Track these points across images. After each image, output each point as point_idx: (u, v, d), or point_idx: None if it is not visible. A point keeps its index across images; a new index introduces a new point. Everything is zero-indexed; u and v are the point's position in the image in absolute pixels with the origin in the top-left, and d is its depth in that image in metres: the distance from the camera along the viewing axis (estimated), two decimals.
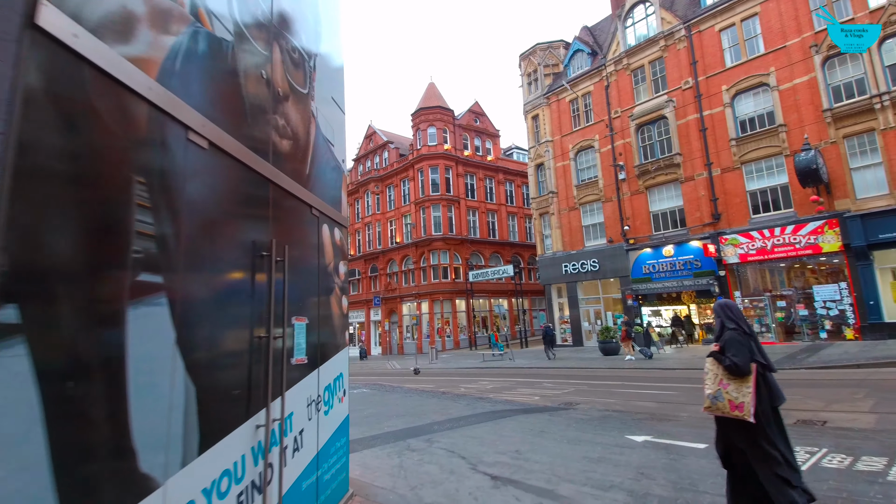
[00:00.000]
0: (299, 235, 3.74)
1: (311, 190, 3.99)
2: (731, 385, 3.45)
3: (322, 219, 4.20)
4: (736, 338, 3.53)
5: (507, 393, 12.09)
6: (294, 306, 3.45)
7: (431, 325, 33.70)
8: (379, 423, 8.17)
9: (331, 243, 4.39)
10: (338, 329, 4.47)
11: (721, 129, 21.22)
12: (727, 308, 3.76)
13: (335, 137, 4.75)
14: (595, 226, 25.77)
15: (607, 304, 25.25)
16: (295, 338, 3.46)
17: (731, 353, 3.49)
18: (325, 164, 4.41)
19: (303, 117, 3.97)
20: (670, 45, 23.17)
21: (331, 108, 4.69)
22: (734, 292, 20.60)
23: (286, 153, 3.55)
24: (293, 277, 3.43)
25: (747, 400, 3.37)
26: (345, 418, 4.53)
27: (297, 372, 3.47)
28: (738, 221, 20.56)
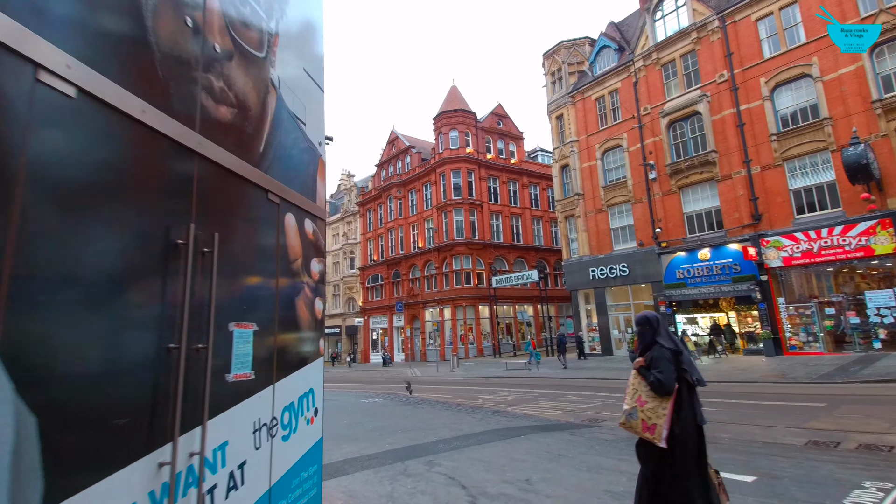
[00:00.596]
0: (244, 223, 3.09)
1: (268, 171, 3.35)
2: (648, 404, 3.29)
3: (285, 207, 3.56)
4: (665, 354, 3.36)
5: (527, 406, 11.24)
6: (233, 309, 2.80)
7: (454, 331, 32.94)
8: (381, 438, 7.49)
9: (298, 236, 3.74)
10: (307, 337, 3.80)
11: (760, 124, 19.88)
12: (657, 321, 3.60)
13: (309, 116, 4.13)
14: (624, 228, 24.58)
15: (638, 310, 23.96)
16: (234, 348, 2.81)
17: (657, 369, 3.31)
18: (291, 143, 3.78)
19: (256, 85, 3.34)
20: (703, 37, 21.96)
21: (302, 82, 4.07)
22: (777, 299, 19.19)
23: (225, 123, 2.91)
24: (232, 273, 2.79)
25: (661, 422, 3.20)
26: (316, 442, 3.85)
27: (234, 391, 2.80)
28: (780, 222, 19.15)
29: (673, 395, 3.28)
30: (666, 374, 3.28)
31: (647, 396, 3.34)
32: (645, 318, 3.68)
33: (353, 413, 10.58)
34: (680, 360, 3.43)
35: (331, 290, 47.42)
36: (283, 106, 3.66)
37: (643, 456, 3.45)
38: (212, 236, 2.56)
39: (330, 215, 49.94)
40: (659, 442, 3.21)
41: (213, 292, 2.55)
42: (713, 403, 10.29)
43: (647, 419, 3.27)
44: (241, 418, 2.82)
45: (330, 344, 47.95)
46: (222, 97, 2.87)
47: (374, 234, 42.24)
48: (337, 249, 47.20)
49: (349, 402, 13.05)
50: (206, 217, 2.59)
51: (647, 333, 3.60)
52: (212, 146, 2.67)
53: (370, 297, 41.92)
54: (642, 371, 3.48)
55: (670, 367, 3.32)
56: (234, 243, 2.83)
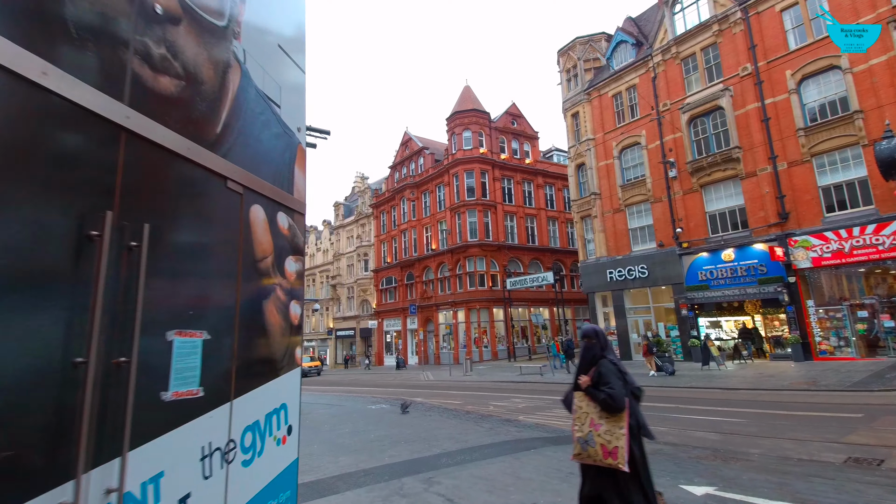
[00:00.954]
0: (192, 214, 2.66)
1: (228, 156, 2.93)
2: (603, 426, 3.06)
3: (251, 197, 3.13)
4: (612, 368, 3.19)
5: (539, 414, 10.69)
6: (174, 315, 2.38)
7: (468, 334, 32.42)
8: (382, 450, 7.05)
9: (267, 231, 3.31)
10: (278, 345, 3.37)
11: (786, 119, 19.00)
12: (603, 334, 3.41)
13: (285, 98, 3.72)
14: (643, 228, 23.79)
15: (658, 313, 23.16)
16: (174, 361, 2.38)
17: (607, 385, 3.10)
18: (260, 127, 3.36)
19: (213, 57, 2.92)
20: (725, 29, 21.14)
21: (277, 60, 3.67)
22: (806, 301, 18.27)
23: (166, 97, 2.50)
24: (173, 273, 2.38)
25: (621, 444, 2.99)
26: (290, 465, 3.42)
27: (174, 411, 2.38)
28: (809, 221, 18.24)
29: (626, 413, 3.06)
30: (617, 389, 3.07)
31: (599, 418, 3.09)
32: (593, 330, 3.44)
33: (357, 421, 10.18)
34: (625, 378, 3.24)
35: (345, 292, 47.33)
36: (250, 84, 3.25)
37: (609, 489, 3.12)
38: (141, 228, 2.14)
39: (344, 217, 49.89)
40: (623, 466, 2.96)
41: (139, 295, 2.13)
42: (740, 413, 9.63)
43: (607, 443, 3.01)
44: (184, 443, 2.40)
45: (344, 346, 47.83)
46: (164, 67, 2.46)
47: (388, 236, 42.00)
48: (351, 252, 47.11)
49: (356, 408, 12.66)
50: (135, 205, 2.17)
51: (594, 348, 3.37)
52: (146, 122, 2.25)
53: (384, 300, 41.66)
54: (589, 391, 3.23)
55: (619, 381, 3.11)
56: (176, 237, 2.42)
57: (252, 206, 3.09)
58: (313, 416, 11.42)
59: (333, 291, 48.58)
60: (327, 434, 8.69)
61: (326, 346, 49.82)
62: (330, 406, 13.23)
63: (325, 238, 51.94)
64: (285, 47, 3.76)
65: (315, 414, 11.75)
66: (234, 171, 2.92)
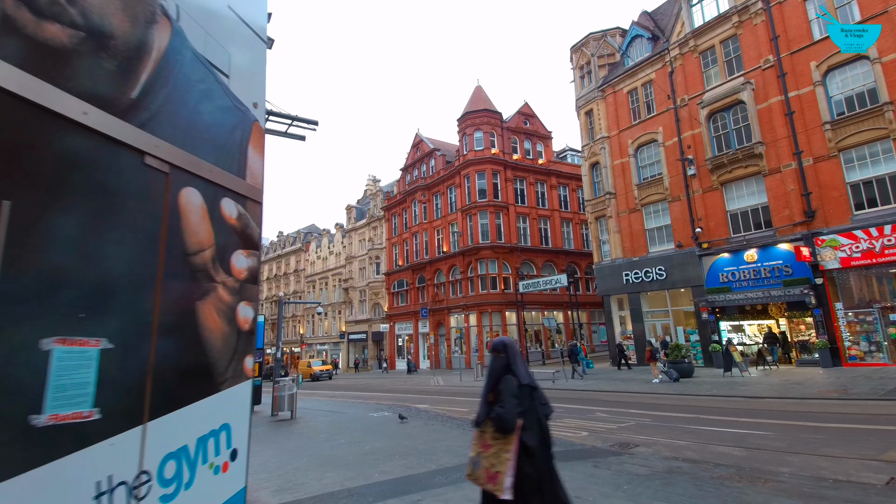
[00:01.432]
0: (89, 193, 2.17)
1: (147, 127, 2.46)
2: (492, 448, 2.90)
3: (182, 178, 2.65)
4: (511, 386, 2.98)
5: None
6: (53, 316, 1.90)
7: (480, 338, 31.79)
8: (374, 465, 6.54)
9: (206, 219, 2.82)
10: (219, 355, 2.87)
11: (811, 112, 18.09)
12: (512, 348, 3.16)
13: (237, 69, 3.24)
14: (660, 229, 22.95)
15: (677, 317, 22.27)
16: (52, 375, 1.91)
17: (500, 403, 2.93)
18: (198, 98, 2.87)
19: (129, 7, 2.43)
20: (745, 20, 20.28)
21: (227, 24, 3.19)
22: (835, 304, 17.32)
23: (51, 47, 2.01)
24: (52, 264, 1.90)
25: (503, 469, 2.82)
26: (234, 496, 2.93)
27: (50, 440, 1.89)
28: (837, 219, 17.29)
29: (516, 436, 2.85)
30: (507, 407, 2.86)
31: (491, 439, 2.89)
32: (502, 343, 3.21)
33: (354, 430, 9.68)
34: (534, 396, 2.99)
35: (357, 295, 47.08)
36: (185, 46, 2.76)
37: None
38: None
39: (356, 220, 49.72)
40: (501, 493, 2.77)
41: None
42: (766, 425, 8.90)
43: (491, 466, 2.82)
44: (65, 479, 1.91)
45: (357, 350, 47.57)
46: (52, 10, 1.99)
47: (400, 238, 41.64)
48: (363, 255, 46.88)
49: (357, 416, 12.18)
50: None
51: (500, 361, 3.13)
52: (19, 76, 1.79)
53: (396, 303, 41.27)
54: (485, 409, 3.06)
55: (514, 400, 2.89)
56: (60, 220, 1.94)
57: (183, 188, 2.60)
58: (311, 424, 10.98)
59: (346, 295, 48.38)
60: (320, 445, 8.22)
61: (339, 349, 49.61)
62: (331, 413, 12.78)
63: (338, 241, 51.83)
64: (239, 11, 3.28)
65: (314, 422, 11.31)
66: (155, 145, 2.44)
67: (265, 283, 63.68)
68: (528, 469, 2.86)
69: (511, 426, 2.86)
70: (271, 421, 11.79)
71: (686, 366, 17.55)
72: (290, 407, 11.75)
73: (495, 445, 2.88)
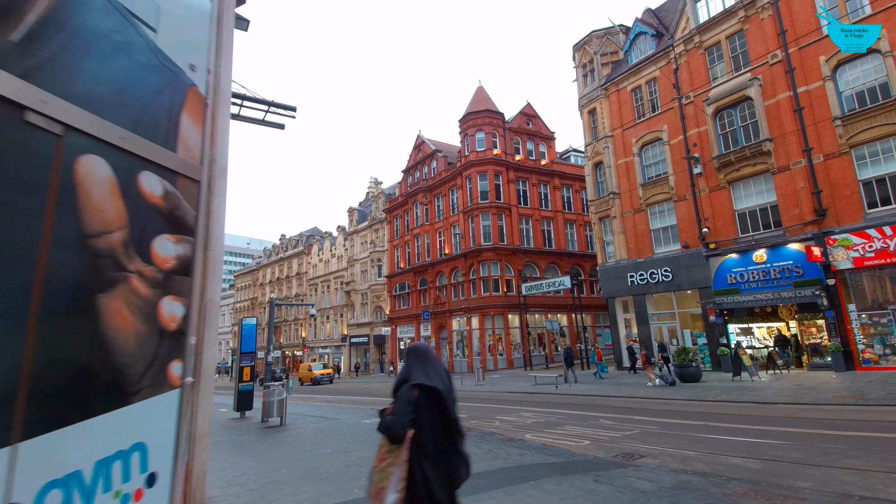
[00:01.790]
0: None
1: (34, 79, 2.00)
2: (385, 461, 2.63)
3: (80, 143, 2.18)
4: (406, 394, 2.68)
5: (548, 432, 9.55)
6: None
7: (482, 341, 31.24)
8: (355, 478, 6.04)
9: (115, 195, 2.35)
10: (131, 360, 2.40)
11: (821, 107, 17.53)
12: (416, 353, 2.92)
13: (168, 24, 2.79)
14: (666, 229, 22.39)
15: (684, 320, 21.66)
16: None
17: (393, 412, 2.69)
18: (109, 50, 2.40)
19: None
20: (751, 14, 19.76)
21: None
22: (847, 305, 16.70)
23: None
24: None
25: (387, 485, 2.54)
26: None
27: None
28: (849, 218, 16.70)
29: (405, 448, 2.60)
30: (396, 416, 2.62)
31: (386, 451, 2.67)
32: (412, 349, 2.98)
33: (342, 439, 9.18)
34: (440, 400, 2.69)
35: (359, 298, 46.65)
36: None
37: None
38: None
39: (358, 223, 49.34)
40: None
41: None
42: (781, 433, 8.34)
43: (378, 481, 2.61)
44: None
45: (358, 353, 47.10)
46: None
47: (401, 241, 41.21)
48: (365, 257, 46.48)
49: (349, 422, 11.67)
50: None
51: (404, 368, 2.90)
52: None
53: (397, 306, 40.81)
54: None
55: (406, 408, 2.65)
56: None
57: (83, 156, 2.13)
58: (300, 431, 10.50)
59: (347, 298, 47.97)
60: (304, 455, 7.73)
61: (341, 353, 49.16)
62: (323, 419, 12.28)
63: (339, 244, 51.47)
64: None
65: (303, 429, 10.82)
66: (42, 100, 1.97)
67: (267, 287, 63.39)
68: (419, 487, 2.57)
69: (396, 436, 2.60)
70: (259, 428, 11.33)
71: (693, 370, 16.96)
72: (279, 413, 11.29)
73: (387, 458, 2.63)
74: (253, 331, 13.76)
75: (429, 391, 2.70)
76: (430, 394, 2.70)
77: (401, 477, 2.56)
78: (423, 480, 2.58)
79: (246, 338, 13.46)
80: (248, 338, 13.44)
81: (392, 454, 2.63)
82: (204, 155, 4.30)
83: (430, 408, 2.69)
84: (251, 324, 13.78)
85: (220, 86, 5.02)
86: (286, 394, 11.41)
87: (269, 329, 16.63)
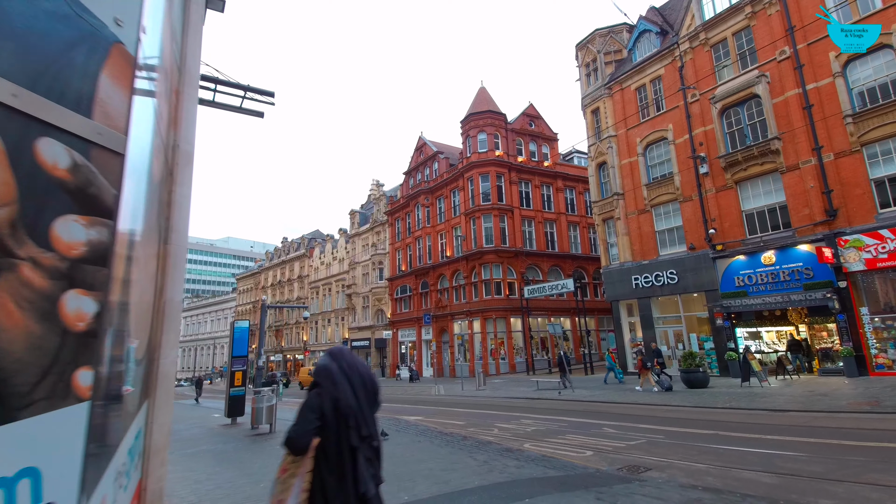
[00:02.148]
0: None
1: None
2: (288, 472, 2.43)
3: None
4: (311, 401, 2.45)
5: (549, 441, 9.06)
6: None
7: (484, 345, 30.72)
8: None
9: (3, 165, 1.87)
10: (18, 365, 1.93)
11: (831, 104, 17.03)
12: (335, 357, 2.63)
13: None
14: (671, 230, 21.87)
15: (690, 323, 21.11)
16: None
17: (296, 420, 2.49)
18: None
19: None
20: (759, 10, 19.30)
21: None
22: (860, 308, 16.14)
23: None
24: None
25: (286, 497, 2.37)
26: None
27: None
28: (860, 218, 16.17)
29: (309, 458, 2.47)
30: (299, 425, 2.45)
31: (290, 462, 2.51)
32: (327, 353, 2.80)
33: None
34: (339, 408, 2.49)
35: (360, 301, 46.24)
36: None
37: None
38: None
39: (359, 225, 48.97)
40: None
41: None
42: (796, 444, 7.82)
43: (279, 493, 2.44)
44: None
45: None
46: None
47: (403, 243, 40.80)
48: (366, 260, 46.09)
49: None
50: None
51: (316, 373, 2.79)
52: None
53: (399, 309, 40.36)
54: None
55: (310, 416, 2.47)
56: None
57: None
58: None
59: (349, 301, 47.56)
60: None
61: None
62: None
63: (341, 247, 51.11)
64: None
65: None
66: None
67: (269, 290, 63.09)
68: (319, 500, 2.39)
69: (297, 446, 2.40)
70: (248, 435, 10.88)
71: (701, 375, 16.43)
72: (269, 420, 10.84)
73: (290, 468, 2.44)
74: (245, 334, 13.35)
75: (335, 399, 2.48)
76: (336, 402, 2.48)
77: (302, 489, 2.38)
78: (322, 493, 2.39)
79: (238, 341, 13.05)
80: (239, 341, 13.03)
81: (295, 464, 2.44)
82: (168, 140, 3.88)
83: (337, 416, 2.48)
84: (243, 326, 13.37)
85: (187, 66, 4.53)
86: (276, 399, 10.97)
87: (259, 332, 16.17)
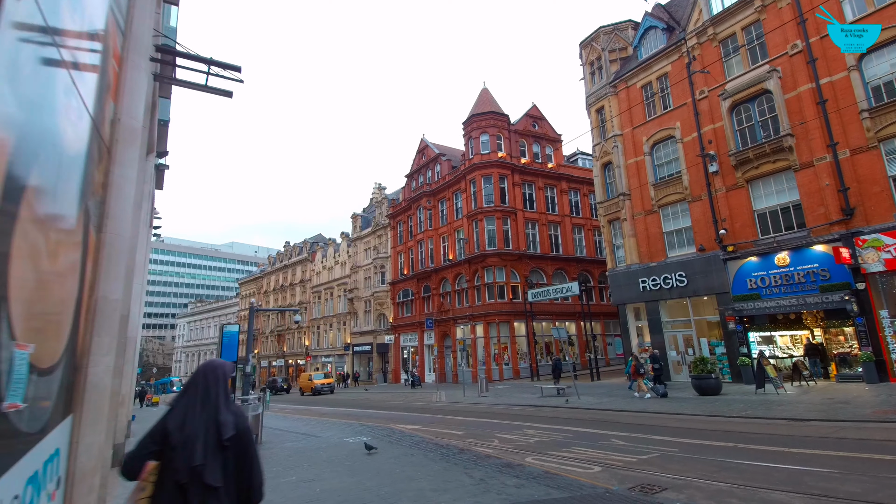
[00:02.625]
0: None
1: None
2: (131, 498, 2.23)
3: None
4: (153, 426, 2.25)
5: (554, 455, 8.39)
6: None
7: (487, 350, 30.01)
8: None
9: None
10: None
11: (846, 99, 16.34)
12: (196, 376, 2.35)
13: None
14: (680, 231, 21.16)
15: (700, 328, 20.35)
16: None
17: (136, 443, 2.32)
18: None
19: None
20: (769, 4, 18.66)
21: None
22: (879, 311, 15.37)
23: None
24: None
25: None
26: None
27: None
28: (879, 217, 15.45)
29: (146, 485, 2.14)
30: (135, 449, 2.19)
31: (139, 487, 2.19)
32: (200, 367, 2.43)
33: (314, 463, 8.06)
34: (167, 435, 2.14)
35: (362, 306, 45.63)
36: None
37: None
38: None
39: (362, 229, 48.45)
40: None
41: None
42: (823, 458, 7.12)
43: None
44: None
45: (362, 362, 46.03)
46: None
47: (405, 247, 40.21)
48: (368, 264, 45.52)
49: (331, 441, 10.56)
50: None
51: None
52: None
53: (400, 314, 39.71)
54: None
55: (146, 440, 2.18)
56: None
57: None
58: (273, 452, 9.41)
59: (350, 305, 46.97)
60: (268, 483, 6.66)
61: (343, 361, 48.10)
62: (305, 437, 11.19)
63: (343, 251, 50.58)
64: None
65: (277, 450, 9.74)
66: None
67: (271, 295, 62.62)
68: None
69: (123, 470, 2.21)
70: None
71: (712, 382, 15.69)
72: (255, 429, 10.26)
73: (133, 495, 2.25)
74: (235, 338, 12.78)
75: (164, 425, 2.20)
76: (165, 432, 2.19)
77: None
78: None
79: (227, 346, 12.47)
80: (228, 346, 12.44)
81: (138, 489, 2.19)
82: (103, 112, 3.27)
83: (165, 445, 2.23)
84: (233, 331, 12.80)
85: (134, 31, 3.93)
86: (262, 408, 10.37)
87: (248, 337, 15.57)
